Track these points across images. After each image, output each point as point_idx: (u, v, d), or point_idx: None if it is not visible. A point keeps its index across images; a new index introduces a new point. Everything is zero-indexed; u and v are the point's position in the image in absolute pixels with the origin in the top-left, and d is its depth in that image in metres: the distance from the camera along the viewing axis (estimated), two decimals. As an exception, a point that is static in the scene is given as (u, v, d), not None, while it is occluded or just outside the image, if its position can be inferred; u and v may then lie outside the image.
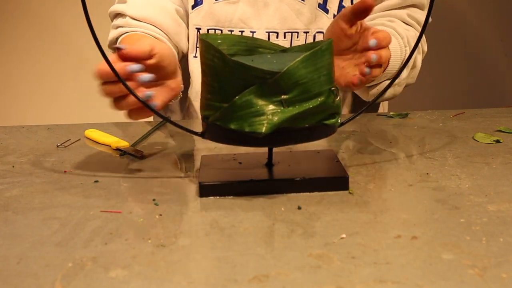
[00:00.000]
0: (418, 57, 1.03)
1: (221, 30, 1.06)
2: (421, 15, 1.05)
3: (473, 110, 1.05)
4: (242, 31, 1.06)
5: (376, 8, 1.04)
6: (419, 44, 1.03)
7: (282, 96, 0.62)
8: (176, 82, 0.80)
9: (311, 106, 0.63)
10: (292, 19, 1.04)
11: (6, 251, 0.55)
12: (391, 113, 1.03)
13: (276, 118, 0.62)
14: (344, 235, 0.56)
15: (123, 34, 1.02)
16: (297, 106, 0.63)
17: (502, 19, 2.13)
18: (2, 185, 0.74)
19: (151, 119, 1.09)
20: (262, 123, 0.63)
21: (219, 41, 0.72)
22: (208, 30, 1.07)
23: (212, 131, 0.67)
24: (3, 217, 0.63)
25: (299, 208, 0.63)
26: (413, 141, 0.87)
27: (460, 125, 0.95)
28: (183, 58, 1.12)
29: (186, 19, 1.10)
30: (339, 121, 0.68)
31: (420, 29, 1.03)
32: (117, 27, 1.04)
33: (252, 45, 0.74)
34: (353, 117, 0.75)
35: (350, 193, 0.66)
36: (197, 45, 1.09)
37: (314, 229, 0.58)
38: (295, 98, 0.63)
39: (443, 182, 0.69)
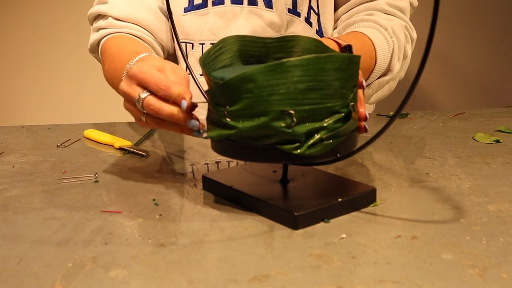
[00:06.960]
0: (408, 47, 0.99)
1: (192, 44, 1.02)
2: (402, 1, 1.00)
3: (473, 110, 1.05)
4: (213, 43, 1.02)
5: (352, 1, 1.00)
6: (408, 33, 0.99)
7: (226, 107, 0.58)
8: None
9: (253, 124, 0.57)
10: (263, 29, 1.00)
11: (6, 251, 0.55)
12: (391, 113, 1.03)
13: (219, 128, 0.60)
14: (344, 235, 0.56)
15: (105, 36, 0.97)
16: (240, 121, 0.58)
17: (502, 19, 2.13)
18: (2, 185, 0.74)
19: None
20: (211, 129, 0.62)
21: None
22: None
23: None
24: (3, 217, 0.63)
25: (299, 208, 0.63)
26: (413, 141, 0.87)
27: (460, 125, 0.95)
28: (170, 56, 1.07)
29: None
30: (299, 150, 0.58)
31: (402, 15, 0.99)
32: (99, 29, 1.00)
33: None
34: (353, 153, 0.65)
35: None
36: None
37: (314, 229, 0.58)
38: (238, 113, 0.58)
39: (443, 182, 0.69)
